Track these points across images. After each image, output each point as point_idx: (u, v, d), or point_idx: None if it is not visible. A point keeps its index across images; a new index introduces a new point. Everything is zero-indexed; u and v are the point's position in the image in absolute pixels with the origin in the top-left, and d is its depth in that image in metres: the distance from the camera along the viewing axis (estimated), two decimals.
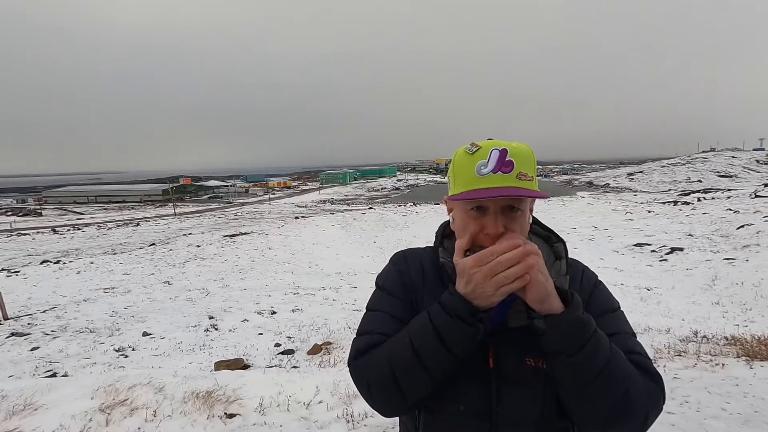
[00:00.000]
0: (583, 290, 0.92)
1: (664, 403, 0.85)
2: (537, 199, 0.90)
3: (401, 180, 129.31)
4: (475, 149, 0.84)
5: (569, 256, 0.95)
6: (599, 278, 0.99)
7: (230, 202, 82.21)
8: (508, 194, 0.80)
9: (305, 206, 61.67)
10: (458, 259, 0.82)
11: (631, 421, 0.80)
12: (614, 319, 0.91)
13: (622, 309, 0.95)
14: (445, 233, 1.00)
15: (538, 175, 0.87)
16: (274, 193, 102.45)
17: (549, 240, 0.98)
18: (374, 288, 1.02)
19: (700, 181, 69.55)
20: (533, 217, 0.95)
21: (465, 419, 0.87)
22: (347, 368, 0.95)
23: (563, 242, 0.96)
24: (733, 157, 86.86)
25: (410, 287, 0.97)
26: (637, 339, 0.91)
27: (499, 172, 0.81)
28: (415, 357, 0.82)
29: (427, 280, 0.97)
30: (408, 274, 0.99)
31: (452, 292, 0.82)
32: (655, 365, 0.89)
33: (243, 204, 75.44)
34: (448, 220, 0.99)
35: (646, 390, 0.81)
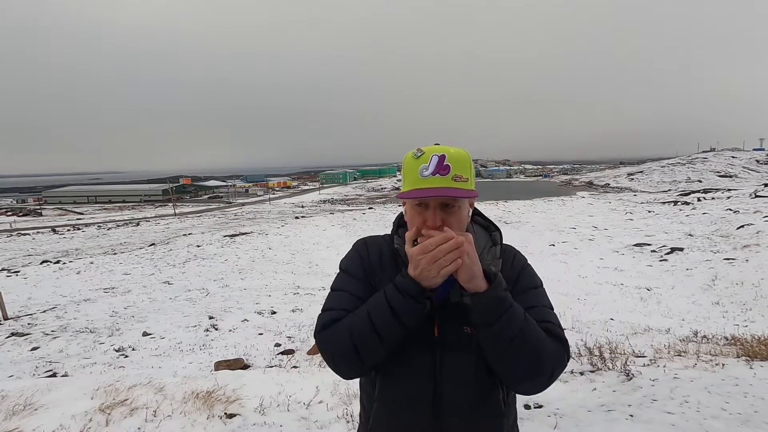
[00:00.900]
0: (513, 270, 1.12)
1: (568, 361, 1.04)
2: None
3: (401, 180, 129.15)
4: (419, 154, 1.01)
5: (504, 241, 1.16)
6: (528, 262, 1.18)
7: (230, 202, 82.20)
8: (442, 194, 0.98)
9: (302, 206, 61.67)
10: (408, 247, 0.99)
11: (541, 376, 0.99)
12: (536, 294, 1.11)
13: (543, 287, 1.15)
14: (399, 223, 1.18)
15: (538, 175, 0.91)
16: (274, 193, 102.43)
17: (488, 229, 1.17)
18: (338, 271, 1.18)
19: (700, 181, 69.53)
20: (476, 209, 1.17)
21: (414, 379, 1.05)
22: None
23: (499, 231, 1.17)
24: (733, 157, 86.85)
25: (369, 270, 1.14)
26: (554, 311, 1.11)
27: (437, 174, 0.98)
28: (372, 329, 0.98)
29: (384, 263, 1.14)
30: (368, 258, 1.15)
31: (404, 274, 0.99)
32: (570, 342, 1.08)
33: (243, 204, 75.42)
34: (403, 212, 1.16)
35: (554, 351, 1.00)
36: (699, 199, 31.16)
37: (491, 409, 1.06)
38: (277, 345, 7.38)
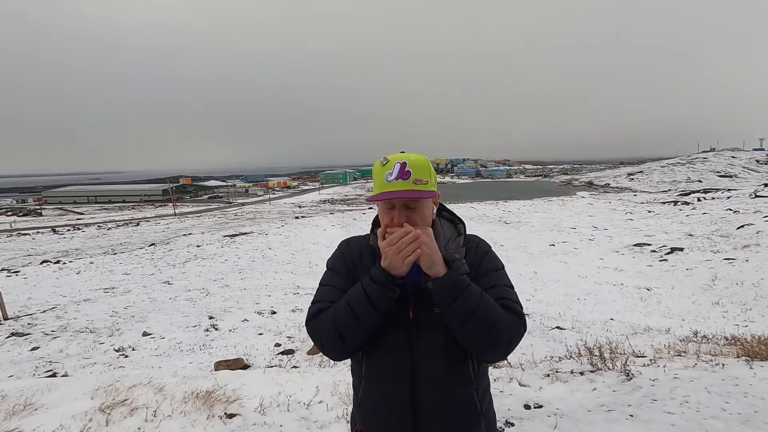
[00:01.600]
0: (476, 256, 1.27)
1: (524, 331, 1.18)
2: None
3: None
4: (385, 162, 1.17)
5: (468, 231, 1.32)
6: (491, 248, 1.33)
7: (230, 202, 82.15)
8: (403, 196, 1.14)
9: (299, 206, 61.65)
10: (379, 242, 1.16)
11: (499, 346, 1.13)
12: (497, 275, 1.26)
13: (504, 269, 1.30)
14: (375, 223, 1.33)
15: (538, 175, 0.94)
16: (274, 193, 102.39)
17: (453, 222, 1.33)
18: (326, 269, 1.34)
19: (700, 181, 69.53)
20: (442, 205, 1.34)
21: (394, 357, 1.20)
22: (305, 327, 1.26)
23: (463, 223, 1.33)
24: (733, 157, 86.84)
25: (351, 265, 1.30)
26: (513, 290, 1.25)
27: (400, 179, 1.14)
28: (352, 315, 1.14)
29: (364, 259, 1.29)
30: (349, 255, 1.32)
31: (377, 266, 1.14)
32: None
33: (243, 204, 75.38)
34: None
35: (510, 324, 1.14)
36: (699, 199, 31.16)
37: (461, 378, 1.21)
38: (277, 345, 7.38)
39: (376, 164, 1.20)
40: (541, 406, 3.13)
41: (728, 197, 29.80)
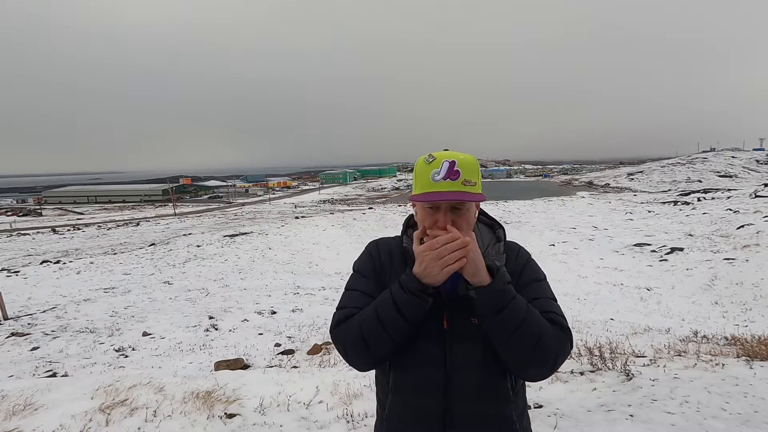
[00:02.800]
0: (517, 264, 1.19)
1: (571, 348, 1.10)
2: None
3: (401, 180, 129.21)
4: (431, 160, 1.07)
5: (508, 238, 1.24)
6: (531, 256, 1.26)
7: (230, 202, 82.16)
8: (453, 198, 1.04)
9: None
10: (416, 245, 1.07)
11: (544, 363, 1.05)
12: (540, 286, 1.17)
13: (547, 280, 1.21)
14: (409, 224, 1.24)
15: (538, 175, 0.93)
16: (274, 193, 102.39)
17: (492, 227, 1.25)
18: (351, 272, 1.27)
19: (700, 181, 69.51)
20: (481, 209, 1.23)
21: (425, 369, 1.11)
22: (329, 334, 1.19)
23: (503, 228, 1.25)
24: (733, 157, 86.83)
25: (379, 269, 1.21)
26: (557, 303, 1.17)
27: (448, 179, 1.04)
28: (379, 323, 1.06)
29: (394, 262, 1.21)
30: (378, 258, 1.23)
31: (408, 273, 1.06)
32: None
33: (243, 204, 75.38)
34: (413, 213, 1.23)
35: (557, 340, 1.06)
36: (699, 199, 31.16)
37: (498, 395, 1.12)
38: (277, 345, 7.38)
39: (420, 161, 1.10)
40: (541, 406, 3.13)
41: (728, 197, 29.81)
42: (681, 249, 16.69)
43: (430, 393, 1.11)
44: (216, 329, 8.67)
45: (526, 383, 1.25)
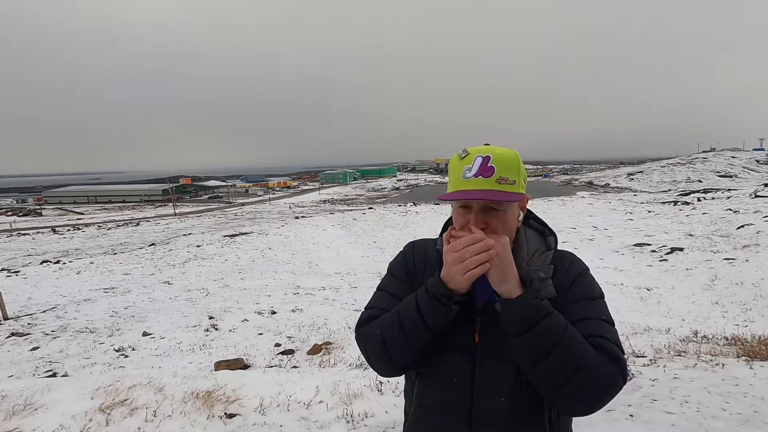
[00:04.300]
0: (567, 277, 1.03)
1: (623, 383, 0.92)
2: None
3: (401, 180, 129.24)
4: (464, 155, 0.98)
5: (561, 248, 1.11)
6: (588, 270, 1.08)
7: (230, 202, 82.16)
8: (481, 197, 0.94)
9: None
10: (445, 247, 0.97)
11: (585, 397, 0.90)
12: (591, 305, 1.01)
13: (603, 299, 1.04)
14: (447, 225, 1.14)
15: (538, 175, 0.90)
16: (274, 193, 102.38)
17: (543, 233, 1.12)
18: (385, 274, 1.20)
19: (700, 181, 69.53)
20: (530, 212, 1.11)
21: (451, 386, 1.01)
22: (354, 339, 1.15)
23: (554, 236, 1.12)
24: (733, 157, 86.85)
25: (412, 271, 1.14)
26: (614, 327, 1.00)
27: (480, 176, 0.94)
28: (400, 328, 0.99)
29: (429, 265, 1.12)
30: (412, 260, 1.15)
31: (436, 277, 0.97)
32: (628, 355, 0.93)
33: (243, 204, 75.39)
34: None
35: (603, 371, 0.89)
36: (699, 199, 31.16)
37: (530, 425, 0.98)
38: (277, 345, 7.38)
39: (454, 157, 1.01)
40: None
41: (728, 197, 29.80)
42: (681, 249, 16.69)
43: (453, 413, 1.01)
44: (216, 329, 8.67)
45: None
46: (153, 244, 26.37)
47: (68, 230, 41.56)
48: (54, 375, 5.86)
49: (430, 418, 1.05)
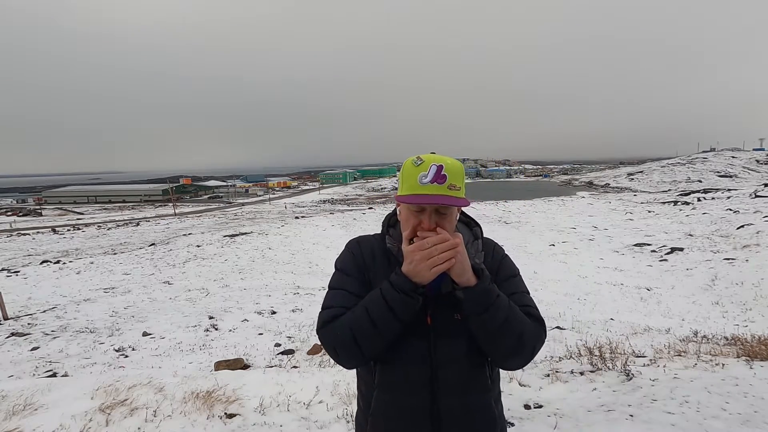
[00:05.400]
0: (494, 261, 1.25)
1: (545, 337, 1.18)
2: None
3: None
4: (419, 162, 1.10)
5: (485, 235, 1.29)
6: (506, 252, 1.32)
7: (230, 202, 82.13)
8: (439, 202, 1.08)
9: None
10: (405, 245, 1.10)
11: (524, 353, 1.13)
12: (515, 282, 1.25)
13: (520, 275, 1.28)
14: (390, 223, 1.27)
15: (538, 175, 0.93)
16: (274, 193, 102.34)
17: (470, 225, 1.28)
18: (334, 270, 1.27)
19: (700, 181, 69.50)
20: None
21: (411, 365, 1.15)
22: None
23: (479, 226, 1.29)
24: (733, 157, 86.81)
25: (363, 267, 1.23)
26: (530, 295, 1.25)
27: (435, 183, 1.07)
28: (371, 324, 1.08)
29: (377, 261, 1.23)
30: (360, 256, 1.24)
31: (398, 272, 1.09)
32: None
33: (243, 204, 75.34)
34: (391, 212, 1.29)
35: (534, 331, 1.14)
36: (699, 199, 31.15)
37: (480, 386, 1.18)
38: (277, 345, 7.38)
39: (408, 163, 1.13)
40: (541, 406, 3.13)
41: (728, 197, 29.79)
42: (681, 249, 16.69)
43: (417, 389, 1.15)
44: (216, 329, 8.67)
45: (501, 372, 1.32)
46: (153, 244, 26.37)
47: (68, 230, 41.55)
48: (54, 375, 5.86)
49: (395, 398, 1.17)
